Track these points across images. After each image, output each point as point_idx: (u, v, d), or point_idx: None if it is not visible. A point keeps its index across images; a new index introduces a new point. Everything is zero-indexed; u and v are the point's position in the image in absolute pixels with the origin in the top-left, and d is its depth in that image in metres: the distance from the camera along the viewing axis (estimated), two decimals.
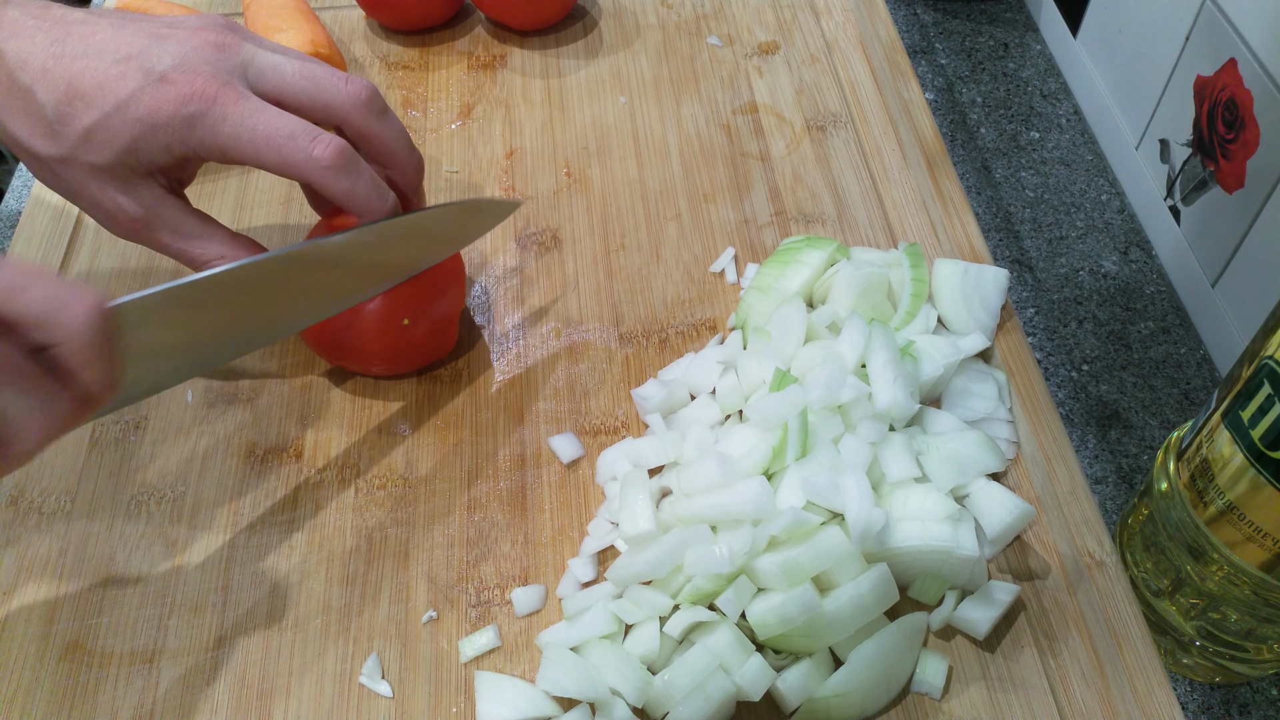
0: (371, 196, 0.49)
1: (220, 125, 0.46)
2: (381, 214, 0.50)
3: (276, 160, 0.47)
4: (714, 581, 0.46)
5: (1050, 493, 0.53)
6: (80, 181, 0.47)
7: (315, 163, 0.47)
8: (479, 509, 0.53)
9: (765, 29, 0.78)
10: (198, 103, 0.46)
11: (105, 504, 0.53)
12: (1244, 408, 0.44)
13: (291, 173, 0.47)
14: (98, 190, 0.48)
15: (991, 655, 0.48)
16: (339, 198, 0.48)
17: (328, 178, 0.47)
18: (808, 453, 0.49)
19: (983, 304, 0.58)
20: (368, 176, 0.49)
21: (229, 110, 0.46)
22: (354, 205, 0.49)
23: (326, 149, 0.47)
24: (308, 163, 0.47)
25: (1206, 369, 0.68)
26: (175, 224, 0.49)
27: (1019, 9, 0.93)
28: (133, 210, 0.48)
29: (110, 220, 0.49)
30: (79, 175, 0.47)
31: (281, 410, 0.57)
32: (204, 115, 0.46)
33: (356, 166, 0.48)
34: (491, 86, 0.74)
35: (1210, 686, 0.55)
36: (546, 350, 0.59)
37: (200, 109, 0.46)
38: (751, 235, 0.65)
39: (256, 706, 0.47)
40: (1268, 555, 0.45)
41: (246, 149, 0.47)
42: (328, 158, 0.47)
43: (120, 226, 0.49)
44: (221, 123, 0.46)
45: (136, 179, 0.48)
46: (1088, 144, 0.82)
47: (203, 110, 0.46)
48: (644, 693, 0.45)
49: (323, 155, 0.47)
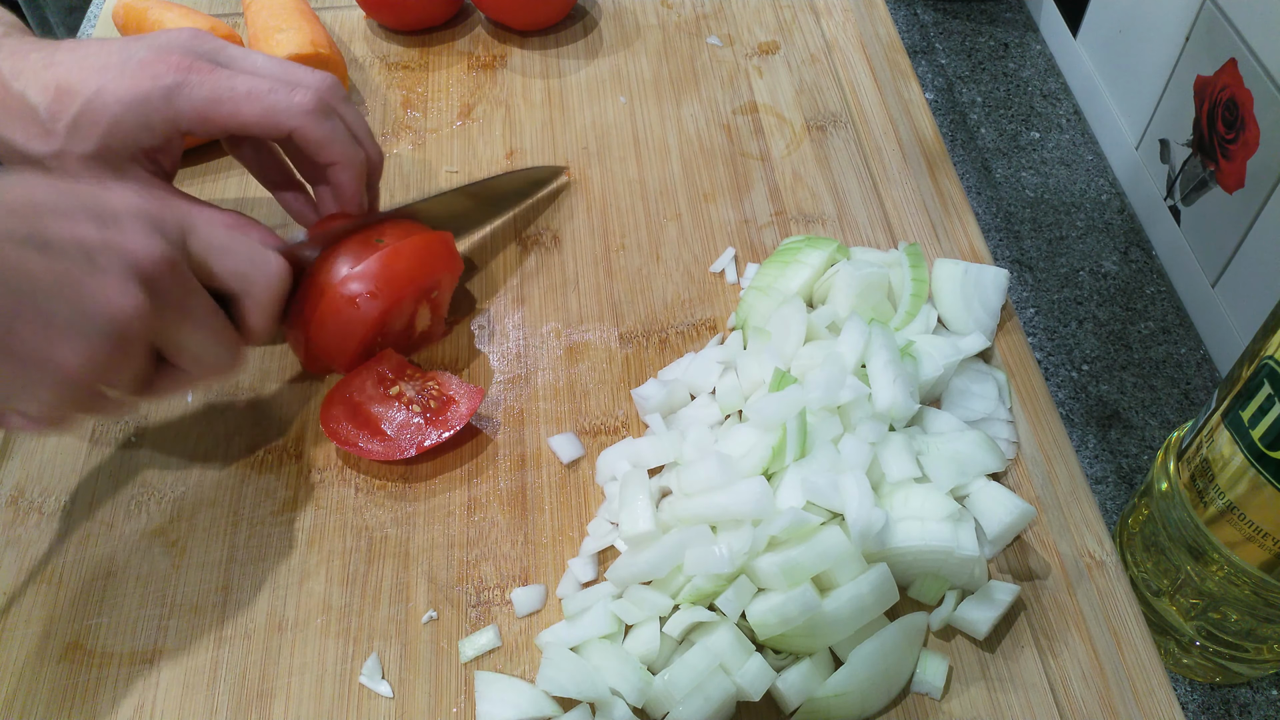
0: (349, 143, 0.52)
1: (198, 90, 0.49)
2: (357, 162, 0.53)
3: (259, 111, 0.50)
4: (714, 581, 0.46)
5: (1050, 493, 0.53)
6: (74, 174, 0.50)
7: (297, 108, 0.50)
8: (479, 509, 0.53)
9: (765, 29, 0.78)
10: (174, 74, 0.49)
11: (105, 504, 0.53)
12: (1244, 408, 0.44)
13: (274, 121, 0.50)
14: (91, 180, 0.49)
15: (991, 655, 0.48)
16: (320, 143, 0.51)
17: (309, 122, 0.50)
18: (807, 453, 0.49)
19: (983, 304, 0.58)
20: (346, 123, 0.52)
21: (205, 77, 0.49)
22: (333, 151, 0.52)
23: (306, 94, 0.50)
24: (289, 109, 0.50)
25: (1206, 369, 0.68)
26: None
27: (1019, 9, 0.93)
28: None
29: None
30: (73, 168, 0.50)
31: (281, 410, 0.57)
32: (182, 85, 0.49)
33: (334, 114, 0.52)
34: (491, 86, 0.74)
35: (1210, 686, 0.55)
36: (546, 350, 0.59)
37: (177, 79, 0.49)
38: (751, 235, 0.65)
39: (256, 706, 0.47)
40: (1268, 555, 0.45)
41: (228, 108, 0.49)
42: (309, 102, 0.50)
43: None
44: (199, 88, 0.49)
45: (124, 163, 0.50)
46: (1088, 144, 0.82)
47: (180, 80, 0.49)
48: (644, 693, 0.45)
49: (304, 100, 0.50)
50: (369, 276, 0.53)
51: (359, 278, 0.53)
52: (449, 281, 0.58)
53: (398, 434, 0.53)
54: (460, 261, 0.58)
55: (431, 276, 0.55)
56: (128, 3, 0.71)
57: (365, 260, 0.53)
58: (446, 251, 0.57)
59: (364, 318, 0.53)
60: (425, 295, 0.56)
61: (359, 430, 0.53)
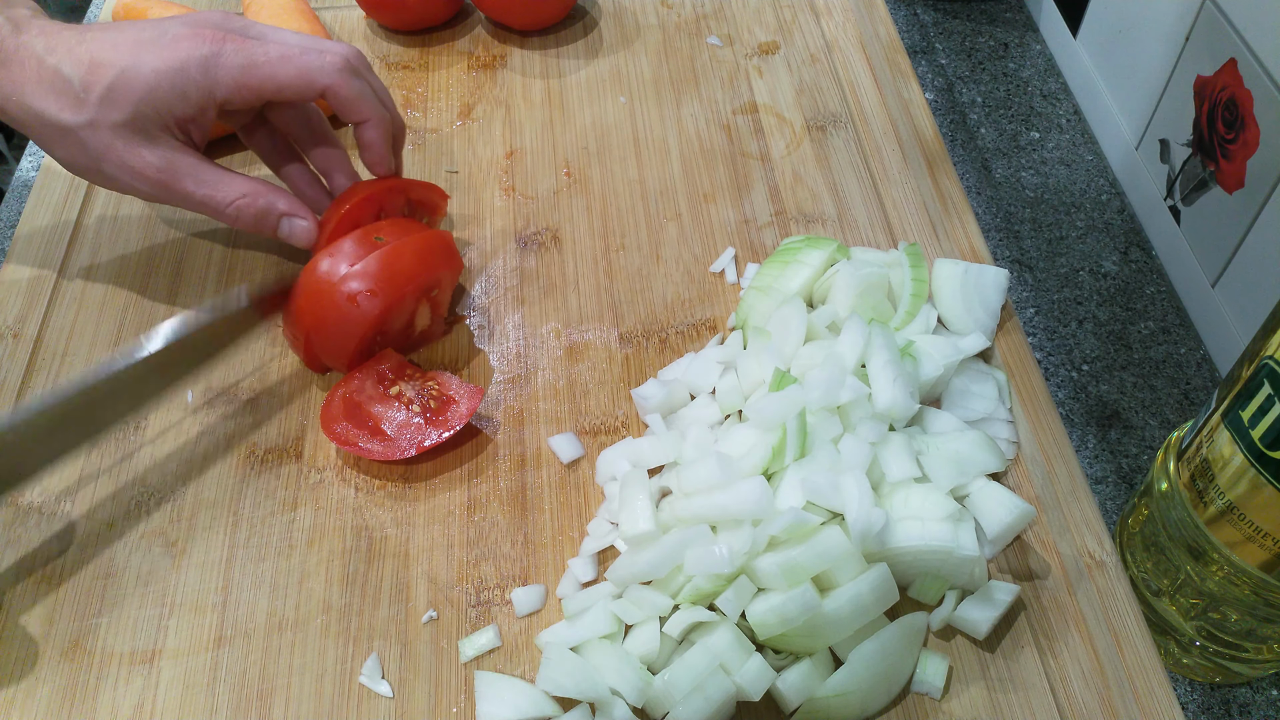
0: (377, 102, 0.55)
1: (234, 58, 0.52)
2: (385, 121, 0.56)
3: (294, 72, 0.52)
4: (714, 581, 0.46)
5: (1050, 493, 0.53)
6: (106, 143, 0.51)
7: (330, 66, 0.53)
8: (479, 509, 0.53)
9: (765, 29, 0.78)
10: (209, 45, 0.52)
11: (105, 504, 0.53)
12: (1244, 408, 0.44)
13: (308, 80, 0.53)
14: (123, 148, 0.52)
15: (991, 655, 0.48)
16: (351, 99, 0.54)
17: (341, 79, 0.53)
18: (807, 453, 0.49)
19: (983, 304, 0.58)
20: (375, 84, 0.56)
21: (239, 46, 0.52)
22: (364, 108, 0.54)
23: (336, 56, 0.53)
24: (321, 68, 0.53)
25: (1206, 369, 0.68)
26: (197, 173, 0.54)
27: (1019, 9, 0.93)
28: (156, 161, 0.52)
29: (137, 176, 0.53)
30: (105, 137, 0.51)
31: (281, 410, 0.57)
32: (217, 54, 0.52)
33: (365, 73, 0.55)
34: (491, 86, 0.74)
35: (1210, 686, 0.55)
36: (546, 350, 0.59)
37: (213, 49, 0.51)
38: (751, 235, 0.65)
39: (256, 706, 0.47)
40: (1268, 555, 0.45)
41: (263, 70, 0.52)
42: (339, 61, 0.53)
43: (146, 181, 0.53)
44: (235, 55, 0.52)
45: (156, 131, 0.52)
46: (1088, 144, 0.82)
47: (215, 50, 0.52)
48: (644, 693, 0.45)
49: (335, 60, 0.53)
50: (369, 275, 0.53)
51: (359, 276, 0.53)
52: (449, 280, 0.58)
53: (398, 434, 0.53)
54: (460, 260, 0.58)
55: (432, 275, 0.55)
56: (127, 3, 0.72)
57: (365, 258, 0.53)
58: (447, 250, 0.57)
59: (364, 316, 0.53)
60: (425, 294, 0.56)
61: (359, 430, 0.53)
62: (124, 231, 0.65)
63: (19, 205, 0.74)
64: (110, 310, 0.61)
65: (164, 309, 0.61)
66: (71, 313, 0.61)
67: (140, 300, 0.62)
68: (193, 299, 0.62)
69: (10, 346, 0.60)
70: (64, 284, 0.63)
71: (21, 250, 0.64)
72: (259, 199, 0.55)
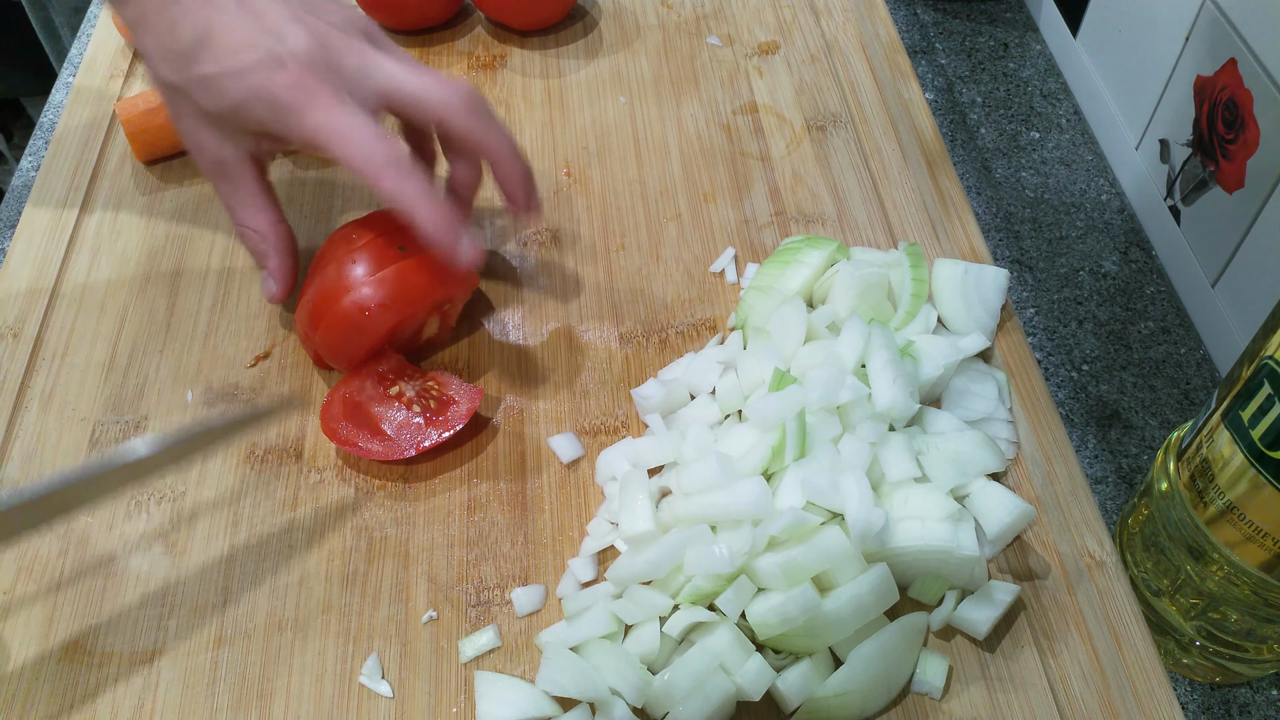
0: (419, 198, 0.50)
1: (305, 119, 0.50)
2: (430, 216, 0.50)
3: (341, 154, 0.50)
4: (714, 581, 0.46)
5: (1050, 493, 0.53)
6: (185, 113, 0.53)
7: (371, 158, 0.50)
8: (479, 509, 0.53)
9: (765, 29, 0.78)
10: (298, 94, 0.50)
11: (105, 504, 0.53)
12: (1244, 408, 0.44)
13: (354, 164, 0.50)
14: (195, 127, 0.53)
15: (991, 655, 0.48)
16: (390, 194, 0.50)
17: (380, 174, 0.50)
18: (806, 453, 0.49)
19: (983, 304, 0.58)
20: (421, 181, 0.51)
21: (320, 106, 0.50)
22: (403, 203, 0.50)
23: (382, 146, 0.50)
24: (364, 159, 0.50)
25: (1206, 369, 0.68)
26: (241, 185, 0.55)
27: (1019, 9, 0.93)
28: (216, 155, 0.54)
29: (196, 152, 0.54)
30: (186, 108, 0.53)
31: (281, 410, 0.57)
32: (299, 107, 0.50)
33: (409, 171, 0.50)
34: (491, 86, 0.74)
35: (1210, 686, 0.55)
36: (546, 350, 0.59)
37: (298, 101, 0.50)
38: (751, 235, 0.65)
39: (256, 706, 0.47)
40: (1268, 555, 0.45)
41: (322, 141, 0.50)
42: (380, 155, 0.50)
43: (200, 161, 0.55)
44: (308, 117, 0.50)
45: (231, 132, 0.53)
46: (1088, 144, 0.82)
47: (300, 103, 0.50)
48: (644, 693, 0.45)
49: (376, 152, 0.50)
50: (385, 288, 0.52)
51: (375, 286, 0.52)
52: (462, 296, 0.58)
53: (398, 434, 0.53)
54: (476, 277, 0.58)
55: (446, 292, 0.55)
56: None
57: (383, 271, 0.53)
58: None
59: (375, 328, 0.53)
60: (438, 308, 0.56)
61: (359, 430, 0.53)
62: (124, 231, 0.65)
63: (19, 205, 0.74)
64: (110, 310, 0.61)
65: (164, 309, 0.61)
66: (71, 313, 0.61)
67: (140, 300, 0.62)
68: (193, 299, 0.62)
69: (10, 346, 0.60)
70: (64, 284, 0.63)
71: (22, 250, 0.64)
72: (260, 243, 0.56)
